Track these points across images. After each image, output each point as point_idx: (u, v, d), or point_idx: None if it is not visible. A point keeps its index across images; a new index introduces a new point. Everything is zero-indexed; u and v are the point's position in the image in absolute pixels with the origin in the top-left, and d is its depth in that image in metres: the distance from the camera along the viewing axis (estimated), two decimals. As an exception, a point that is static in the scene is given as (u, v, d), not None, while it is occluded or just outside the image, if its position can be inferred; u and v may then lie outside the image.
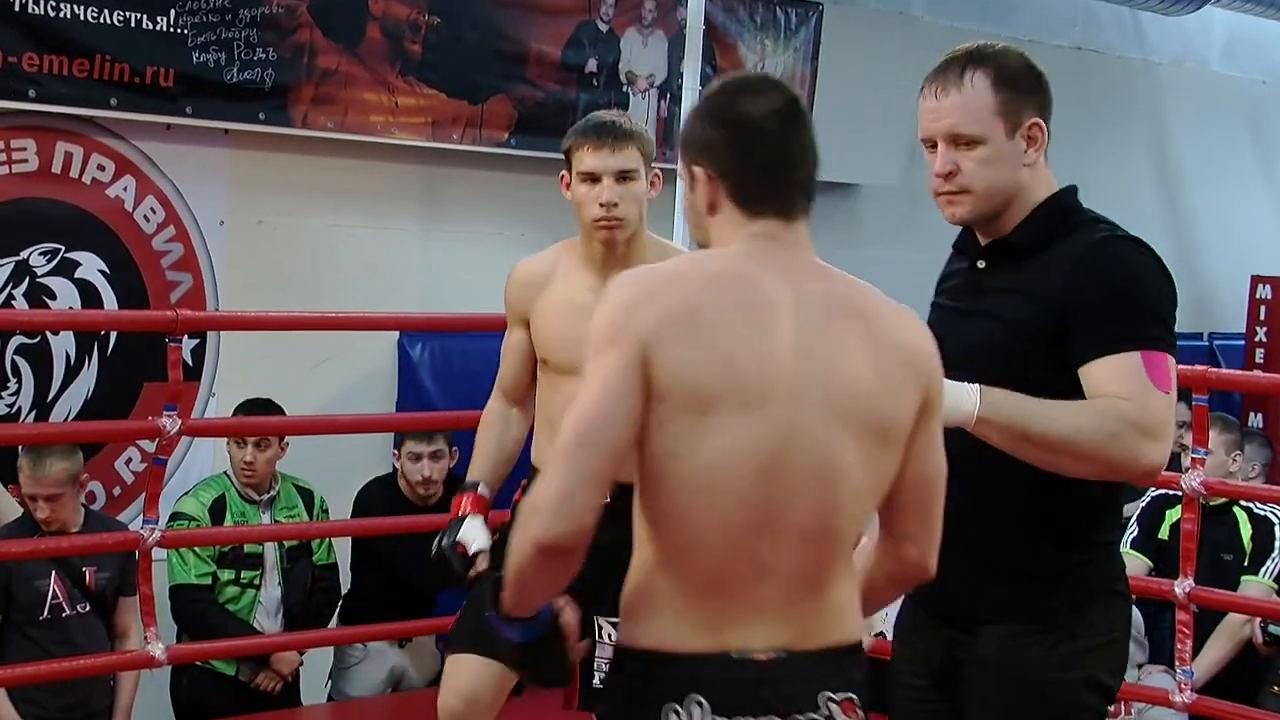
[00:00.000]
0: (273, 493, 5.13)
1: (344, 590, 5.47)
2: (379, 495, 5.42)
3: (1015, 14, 7.81)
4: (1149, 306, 2.30)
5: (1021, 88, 2.48)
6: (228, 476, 5.15)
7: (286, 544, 5.21)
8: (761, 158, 2.01)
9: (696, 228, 2.38)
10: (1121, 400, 2.21)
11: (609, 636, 3.23)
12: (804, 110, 2.08)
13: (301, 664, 5.22)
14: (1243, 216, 9.13)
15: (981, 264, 2.45)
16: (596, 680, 3.21)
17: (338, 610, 5.45)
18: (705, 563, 1.95)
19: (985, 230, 2.48)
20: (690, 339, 1.90)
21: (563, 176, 3.41)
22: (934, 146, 2.49)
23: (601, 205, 3.28)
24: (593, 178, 3.29)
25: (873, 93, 7.02)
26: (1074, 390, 2.27)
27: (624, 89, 6.84)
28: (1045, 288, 2.32)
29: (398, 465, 5.38)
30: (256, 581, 5.11)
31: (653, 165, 3.41)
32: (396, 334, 6.16)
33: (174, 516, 5.02)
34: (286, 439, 5.22)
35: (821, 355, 1.94)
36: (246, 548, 5.13)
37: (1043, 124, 2.48)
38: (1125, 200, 8.42)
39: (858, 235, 7.36)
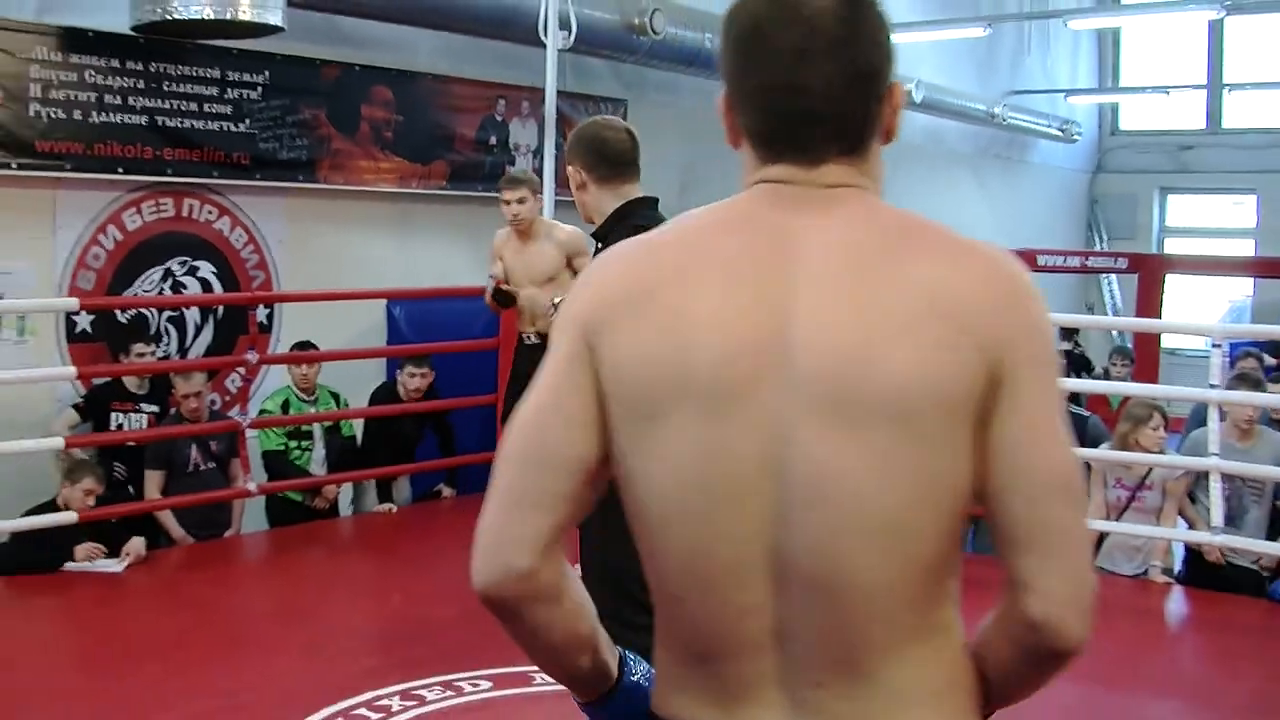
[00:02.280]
0: (315, 396, 6.42)
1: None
2: (384, 393, 6.75)
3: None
4: None
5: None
6: (290, 388, 6.42)
7: (325, 425, 6.45)
8: (765, 76, 1.23)
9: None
10: None
11: None
12: (858, 5, 1.24)
13: (338, 494, 6.59)
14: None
15: None
16: None
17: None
18: (691, 618, 1.28)
19: None
20: (636, 322, 1.24)
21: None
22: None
23: (511, 218, 5.36)
24: (506, 203, 5.33)
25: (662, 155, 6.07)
26: None
27: (512, 153, 8.14)
28: None
29: (400, 377, 6.51)
30: (309, 447, 6.41)
31: (538, 190, 5.39)
32: (385, 301, 7.14)
33: (261, 411, 6.34)
34: (320, 365, 6.40)
35: (810, 326, 1.20)
36: (303, 428, 6.37)
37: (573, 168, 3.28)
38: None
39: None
